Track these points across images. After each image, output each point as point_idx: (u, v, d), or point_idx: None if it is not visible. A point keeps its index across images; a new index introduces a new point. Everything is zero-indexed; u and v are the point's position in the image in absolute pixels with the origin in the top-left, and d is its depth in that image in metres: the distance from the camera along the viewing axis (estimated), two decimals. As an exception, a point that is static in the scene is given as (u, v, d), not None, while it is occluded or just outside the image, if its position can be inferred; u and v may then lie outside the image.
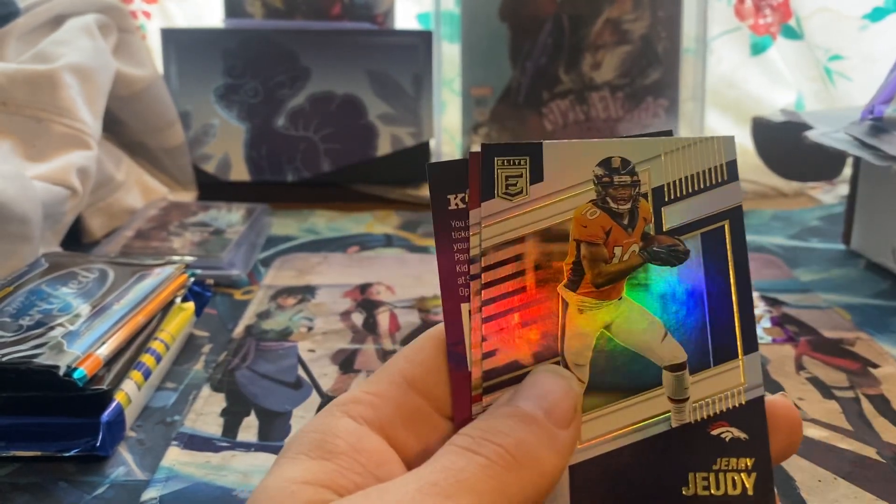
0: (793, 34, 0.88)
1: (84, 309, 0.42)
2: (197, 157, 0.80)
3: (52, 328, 0.40)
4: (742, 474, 0.24)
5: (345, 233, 0.72)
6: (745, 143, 0.86)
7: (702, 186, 0.25)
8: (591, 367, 0.25)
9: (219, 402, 0.43)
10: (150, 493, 0.36)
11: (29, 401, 0.38)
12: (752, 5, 0.88)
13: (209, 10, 0.93)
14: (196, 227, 0.66)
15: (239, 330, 0.52)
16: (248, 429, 0.41)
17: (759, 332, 0.50)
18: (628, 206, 0.25)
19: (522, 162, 0.26)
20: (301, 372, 0.47)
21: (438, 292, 0.26)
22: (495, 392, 0.25)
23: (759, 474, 0.24)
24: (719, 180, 0.25)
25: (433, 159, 0.80)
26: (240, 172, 0.80)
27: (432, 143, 0.84)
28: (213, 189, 0.79)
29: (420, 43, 0.81)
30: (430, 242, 0.67)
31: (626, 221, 0.25)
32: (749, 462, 0.24)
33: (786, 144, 0.74)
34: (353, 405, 0.23)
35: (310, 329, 0.52)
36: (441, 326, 0.25)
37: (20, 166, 0.55)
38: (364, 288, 0.58)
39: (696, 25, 0.85)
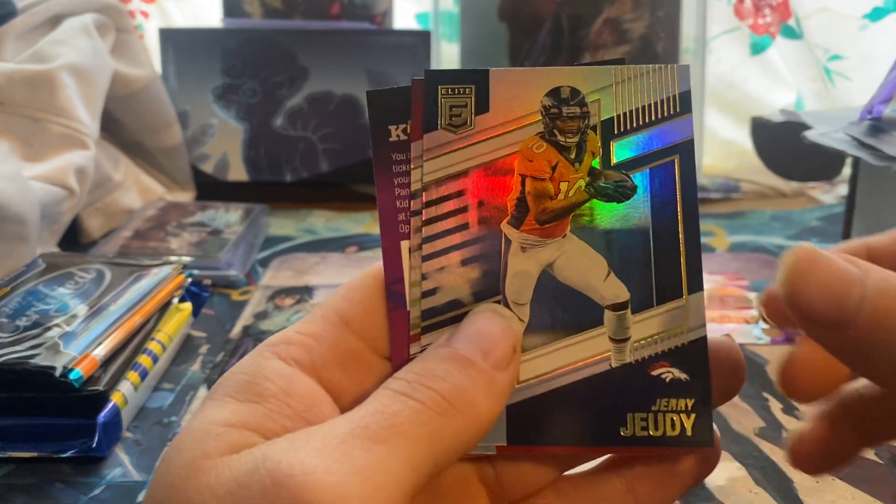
0: (792, 34, 0.88)
1: (81, 309, 0.42)
2: (195, 157, 0.79)
3: (48, 329, 0.40)
4: (682, 415, 0.23)
5: (343, 233, 0.72)
6: (744, 143, 0.86)
7: (653, 119, 0.25)
8: (532, 306, 0.24)
9: (216, 402, 0.43)
10: (147, 495, 0.36)
11: (25, 401, 0.38)
12: (751, 5, 0.88)
13: (207, 10, 0.93)
14: (194, 228, 0.66)
15: (236, 330, 0.52)
16: (245, 430, 0.41)
17: (757, 332, 0.50)
18: (576, 139, 0.24)
19: (468, 91, 0.25)
20: (298, 372, 0.46)
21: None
22: (434, 332, 0.24)
23: (699, 415, 0.23)
24: (671, 112, 0.25)
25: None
26: (238, 172, 0.80)
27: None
28: (211, 189, 0.78)
29: (419, 43, 0.81)
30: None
31: (573, 155, 0.25)
32: (689, 403, 0.23)
33: (785, 144, 0.74)
34: (285, 346, 0.23)
35: (307, 329, 0.52)
36: (380, 265, 0.25)
37: (17, 166, 0.55)
38: (362, 288, 0.58)
39: (696, 25, 0.85)
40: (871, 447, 0.26)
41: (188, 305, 0.50)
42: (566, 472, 0.26)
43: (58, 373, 0.36)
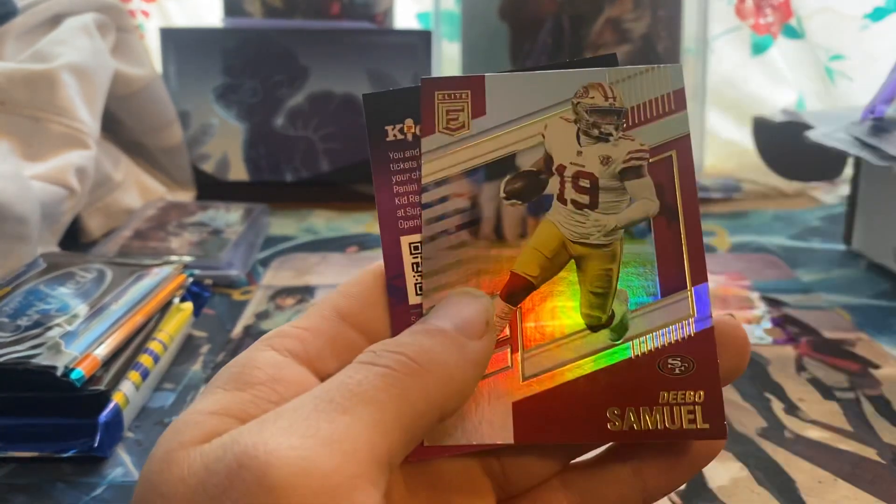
0: (794, 34, 0.88)
1: (82, 309, 0.42)
2: (195, 157, 0.79)
3: (49, 328, 0.40)
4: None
5: (344, 233, 0.72)
6: (746, 143, 0.86)
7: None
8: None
9: (217, 402, 0.43)
10: (148, 495, 0.35)
11: (26, 401, 0.38)
12: (752, 5, 0.88)
13: (208, 10, 0.93)
14: (194, 227, 0.66)
15: (237, 330, 0.52)
16: (247, 430, 0.41)
17: (760, 333, 0.50)
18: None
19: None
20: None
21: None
22: None
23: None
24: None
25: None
26: (238, 172, 0.80)
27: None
28: (212, 189, 0.78)
29: (420, 42, 0.80)
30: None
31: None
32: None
33: (787, 144, 0.74)
34: (279, 338, 0.23)
35: (309, 329, 0.52)
36: (378, 263, 0.25)
37: (18, 166, 0.55)
38: (363, 288, 0.58)
39: (697, 25, 0.85)
40: None
41: (189, 305, 0.49)
42: (572, 462, 0.26)
43: (59, 372, 0.36)
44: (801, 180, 0.81)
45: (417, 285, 0.25)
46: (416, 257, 0.25)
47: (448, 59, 0.88)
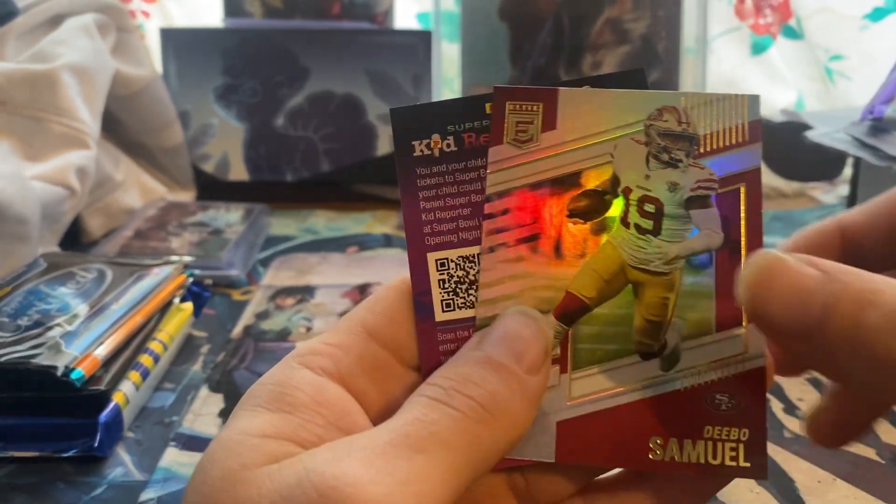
0: (793, 34, 0.88)
1: (82, 309, 0.42)
2: (196, 157, 0.79)
3: (50, 328, 0.40)
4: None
5: (344, 233, 0.72)
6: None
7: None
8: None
9: (217, 402, 0.43)
10: (148, 494, 0.36)
11: (27, 401, 0.38)
12: (752, 5, 0.88)
13: (208, 10, 0.93)
14: (195, 227, 0.66)
15: (237, 330, 0.52)
16: (247, 429, 0.41)
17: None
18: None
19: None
20: (300, 372, 0.46)
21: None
22: None
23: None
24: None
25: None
26: (239, 172, 0.80)
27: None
28: (212, 189, 0.78)
29: (420, 42, 0.81)
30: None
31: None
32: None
33: (786, 144, 0.74)
34: (312, 356, 0.23)
35: (309, 329, 0.52)
36: (405, 277, 0.25)
37: (19, 166, 0.55)
38: (363, 288, 0.58)
39: (697, 25, 0.85)
40: (882, 417, 0.26)
41: (189, 305, 0.50)
42: (595, 479, 0.26)
43: (59, 372, 0.36)
44: (800, 180, 0.82)
45: (444, 302, 0.25)
46: (443, 274, 0.25)
47: (448, 60, 0.88)
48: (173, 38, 0.81)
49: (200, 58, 0.80)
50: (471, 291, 0.25)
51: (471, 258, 0.25)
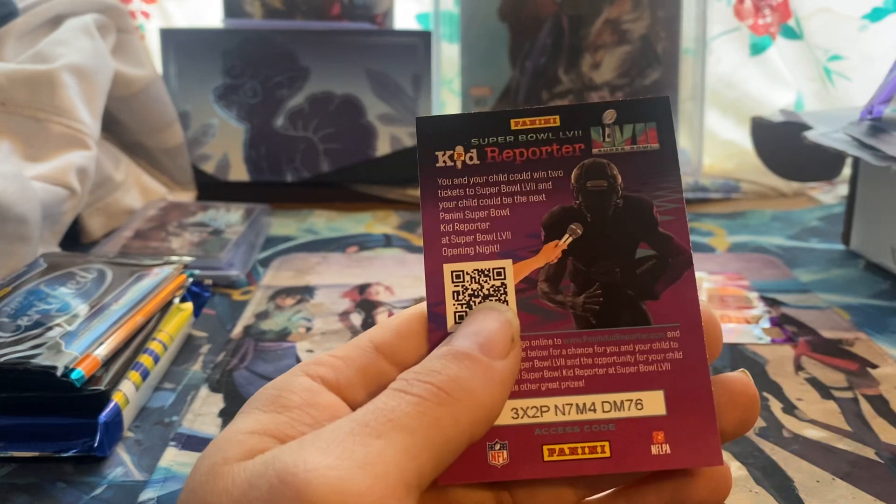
0: (792, 34, 0.88)
1: (82, 309, 0.42)
2: (196, 158, 0.80)
3: (50, 328, 0.40)
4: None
5: (344, 233, 0.72)
6: (744, 144, 0.86)
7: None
8: None
9: (217, 402, 0.43)
10: (148, 494, 0.36)
11: (27, 401, 0.38)
12: (751, 5, 0.88)
13: (208, 11, 0.93)
14: (195, 228, 0.66)
15: (237, 330, 0.52)
16: (247, 429, 0.41)
17: (758, 332, 0.50)
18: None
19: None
20: (299, 372, 0.46)
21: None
22: None
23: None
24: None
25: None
26: (239, 172, 0.80)
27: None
28: (212, 189, 0.79)
29: (419, 43, 0.81)
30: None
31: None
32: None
33: (785, 145, 0.74)
34: (315, 366, 0.24)
35: (308, 329, 0.52)
36: (424, 302, 0.26)
37: (19, 166, 0.55)
38: (363, 288, 0.58)
39: (696, 25, 0.85)
40: None
41: (189, 305, 0.50)
42: (585, 500, 0.26)
43: (59, 372, 0.37)
44: (799, 180, 0.82)
45: (457, 314, 0.25)
46: (458, 285, 0.25)
47: (447, 60, 0.88)
48: (173, 39, 0.81)
49: (200, 58, 0.80)
50: None
51: (486, 272, 0.25)
